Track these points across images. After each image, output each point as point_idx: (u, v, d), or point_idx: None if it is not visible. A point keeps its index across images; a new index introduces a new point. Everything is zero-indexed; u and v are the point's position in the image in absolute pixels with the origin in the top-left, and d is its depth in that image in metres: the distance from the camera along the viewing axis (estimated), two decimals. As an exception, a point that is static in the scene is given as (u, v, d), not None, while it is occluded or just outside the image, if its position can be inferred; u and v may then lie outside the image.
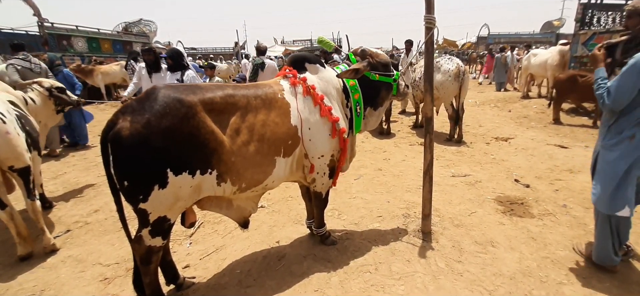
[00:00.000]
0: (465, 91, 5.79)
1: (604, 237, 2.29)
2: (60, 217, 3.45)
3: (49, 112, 3.90)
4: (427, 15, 2.53)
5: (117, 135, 1.67)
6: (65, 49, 11.32)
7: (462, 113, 5.90)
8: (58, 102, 3.93)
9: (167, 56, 4.21)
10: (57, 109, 3.98)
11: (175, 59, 4.16)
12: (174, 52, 4.32)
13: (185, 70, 4.12)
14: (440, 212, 3.28)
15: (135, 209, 1.80)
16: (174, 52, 4.28)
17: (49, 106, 3.86)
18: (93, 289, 2.39)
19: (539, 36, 25.88)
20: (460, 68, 5.56)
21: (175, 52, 4.30)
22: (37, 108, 3.67)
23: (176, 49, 4.47)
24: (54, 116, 4.01)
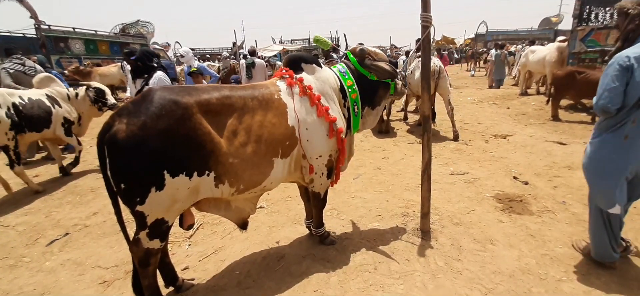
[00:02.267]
0: (444, 90, 5.87)
1: (600, 233, 2.30)
2: (59, 220, 3.44)
3: (89, 108, 4.77)
4: (423, 13, 2.53)
5: (113, 137, 1.67)
6: (62, 51, 11.27)
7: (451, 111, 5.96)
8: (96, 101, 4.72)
9: (136, 58, 3.85)
10: (98, 107, 4.78)
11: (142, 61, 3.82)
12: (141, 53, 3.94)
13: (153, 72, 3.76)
14: (439, 210, 3.28)
15: (133, 212, 1.80)
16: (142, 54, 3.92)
17: (89, 103, 4.74)
18: (92, 292, 2.39)
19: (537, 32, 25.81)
20: (435, 67, 5.58)
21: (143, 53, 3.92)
22: (78, 103, 4.71)
23: (145, 50, 4.07)
24: (95, 112, 4.84)
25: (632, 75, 1.97)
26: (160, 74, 3.74)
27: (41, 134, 4.34)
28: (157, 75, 3.70)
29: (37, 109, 4.19)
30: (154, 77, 3.70)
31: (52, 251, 2.92)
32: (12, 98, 4.02)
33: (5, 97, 3.96)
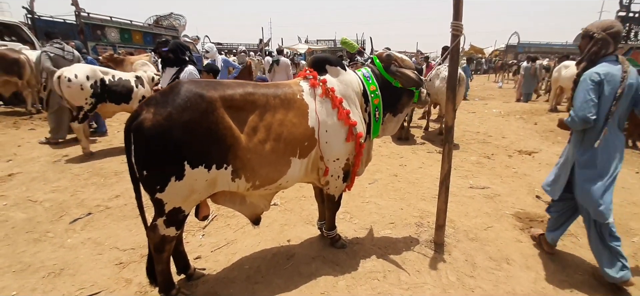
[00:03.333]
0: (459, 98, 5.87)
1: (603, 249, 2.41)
2: (83, 200, 3.60)
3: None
4: (454, 22, 2.48)
5: (139, 125, 1.73)
6: (98, 38, 11.80)
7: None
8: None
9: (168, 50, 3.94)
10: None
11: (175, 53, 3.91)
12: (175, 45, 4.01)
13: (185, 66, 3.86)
14: (455, 224, 3.21)
15: (152, 198, 1.86)
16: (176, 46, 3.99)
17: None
18: (108, 272, 2.48)
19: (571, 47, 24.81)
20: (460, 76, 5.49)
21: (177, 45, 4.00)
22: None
23: (178, 42, 4.11)
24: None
25: (603, 90, 2.24)
26: (191, 68, 3.82)
27: (120, 107, 5.19)
28: (189, 69, 3.78)
29: (121, 87, 5.10)
30: (185, 71, 3.77)
31: (75, 229, 3.05)
32: (103, 75, 5.01)
33: (97, 73, 4.95)
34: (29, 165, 4.58)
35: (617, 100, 2.23)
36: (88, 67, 5.02)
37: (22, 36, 9.75)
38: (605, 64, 2.29)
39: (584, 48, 2.44)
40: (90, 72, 4.87)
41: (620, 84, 2.22)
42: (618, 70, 2.26)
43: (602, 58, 2.33)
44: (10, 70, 6.88)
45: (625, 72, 2.24)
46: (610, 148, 2.31)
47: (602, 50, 2.34)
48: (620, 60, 2.30)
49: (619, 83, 2.22)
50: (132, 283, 2.36)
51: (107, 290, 2.31)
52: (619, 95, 2.22)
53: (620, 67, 2.27)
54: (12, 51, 7.17)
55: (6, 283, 2.36)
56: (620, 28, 2.38)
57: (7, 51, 7.08)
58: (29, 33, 9.86)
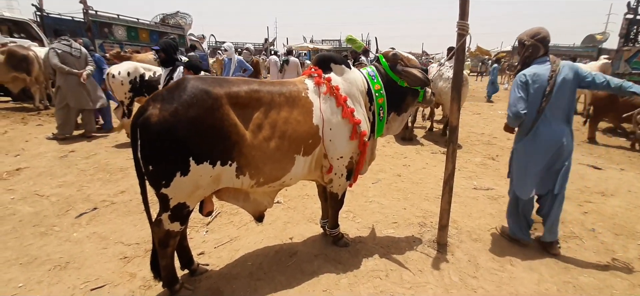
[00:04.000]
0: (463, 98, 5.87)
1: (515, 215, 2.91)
2: (89, 195, 3.64)
3: None
4: (460, 21, 2.47)
5: (146, 121, 1.75)
6: (106, 36, 11.87)
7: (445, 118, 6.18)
8: None
9: (160, 48, 3.83)
10: None
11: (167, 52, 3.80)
12: (166, 45, 3.87)
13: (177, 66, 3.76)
14: (458, 224, 3.20)
15: (157, 193, 1.88)
16: (167, 45, 3.86)
17: None
18: (113, 266, 2.51)
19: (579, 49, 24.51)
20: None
21: (168, 44, 3.88)
22: None
23: (169, 41, 4.01)
24: None
25: (529, 89, 2.60)
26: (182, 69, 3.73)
27: None
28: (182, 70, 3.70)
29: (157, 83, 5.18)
30: (178, 71, 3.72)
31: (80, 224, 3.09)
32: (144, 71, 5.34)
33: (138, 69, 5.32)
34: (36, 160, 4.63)
35: (547, 96, 2.55)
36: (132, 64, 5.38)
37: (30, 33, 9.88)
38: (534, 66, 2.64)
39: (519, 54, 2.79)
40: (131, 68, 5.24)
41: (548, 82, 2.54)
42: (546, 69, 2.57)
43: (534, 60, 2.67)
44: (19, 66, 6.98)
45: (554, 71, 2.55)
46: (539, 141, 2.63)
47: (534, 54, 2.67)
48: (551, 61, 2.61)
49: (546, 81, 2.55)
50: (136, 277, 2.39)
51: (112, 283, 2.33)
52: (548, 92, 2.54)
53: (549, 67, 2.58)
54: (21, 48, 7.27)
55: (13, 275, 2.40)
56: (547, 33, 2.67)
57: (16, 48, 7.18)
58: (38, 30, 9.97)
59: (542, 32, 2.65)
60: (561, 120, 2.62)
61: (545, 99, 2.55)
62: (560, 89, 2.54)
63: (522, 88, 2.62)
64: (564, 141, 2.59)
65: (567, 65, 2.61)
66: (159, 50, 3.84)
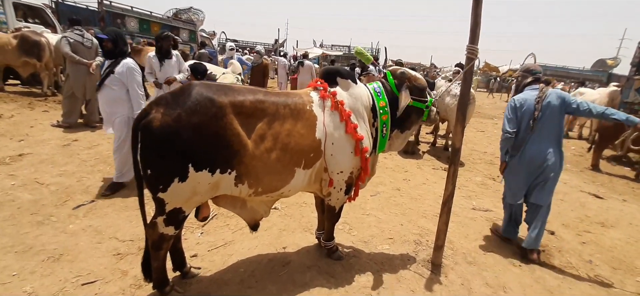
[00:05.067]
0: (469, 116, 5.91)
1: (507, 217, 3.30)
2: (88, 187, 3.66)
3: None
4: (469, 45, 2.47)
5: (147, 124, 1.76)
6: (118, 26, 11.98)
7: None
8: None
9: (108, 38, 3.48)
10: None
11: (116, 43, 3.48)
12: (116, 34, 3.54)
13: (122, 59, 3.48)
14: (454, 245, 3.18)
15: (154, 197, 1.89)
16: (116, 35, 3.53)
17: None
18: (106, 261, 2.52)
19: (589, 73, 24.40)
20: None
21: (118, 34, 3.57)
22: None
23: (119, 32, 3.70)
24: None
25: (517, 112, 3.03)
26: (130, 62, 3.51)
27: None
28: (127, 63, 3.47)
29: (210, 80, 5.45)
30: (122, 64, 3.44)
31: (77, 215, 3.11)
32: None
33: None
34: (39, 146, 4.67)
35: (535, 120, 2.93)
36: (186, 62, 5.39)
37: (45, 19, 10.00)
38: (526, 92, 3.10)
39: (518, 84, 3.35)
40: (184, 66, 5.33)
41: (535, 107, 2.93)
42: (533, 97, 2.99)
43: (525, 87, 3.16)
44: (30, 51, 7.06)
45: (540, 97, 2.95)
46: (527, 157, 3.00)
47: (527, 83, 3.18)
48: (539, 88, 3.03)
49: (533, 106, 2.95)
50: (128, 275, 2.39)
51: (103, 279, 2.34)
52: (535, 116, 2.93)
53: (536, 94, 2.99)
54: (34, 33, 7.35)
55: (8, 262, 2.41)
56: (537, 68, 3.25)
57: (29, 33, 7.26)
58: (52, 17, 10.09)
59: (532, 66, 3.27)
60: (549, 141, 2.94)
61: (533, 121, 2.94)
62: (547, 113, 2.91)
63: (511, 111, 3.06)
64: (548, 159, 2.92)
65: (555, 93, 2.97)
66: (107, 40, 3.47)
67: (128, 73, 3.48)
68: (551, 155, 2.92)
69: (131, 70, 3.49)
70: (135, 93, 3.56)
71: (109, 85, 3.48)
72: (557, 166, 2.94)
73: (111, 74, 3.47)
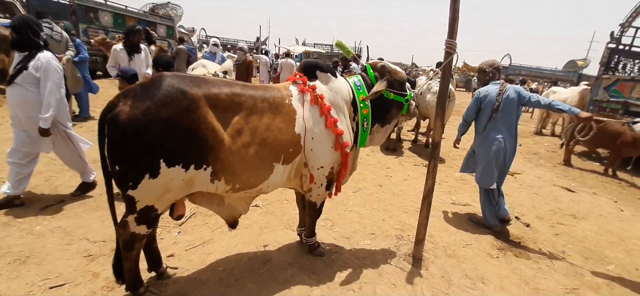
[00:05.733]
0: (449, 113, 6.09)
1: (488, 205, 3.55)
2: (57, 187, 3.49)
3: None
4: (448, 39, 2.49)
5: (114, 117, 1.66)
6: (91, 21, 11.51)
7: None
8: None
9: (11, 26, 2.93)
10: None
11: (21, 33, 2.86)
12: (23, 23, 2.90)
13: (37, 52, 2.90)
14: (435, 239, 3.22)
15: (124, 195, 1.79)
16: (22, 23, 2.90)
17: None
18: (76, 263, 2.40)
19: (560, 73, 25.40)
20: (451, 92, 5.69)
21: (25, 23, 2.91)
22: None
23: (27, 19, 3.00)
24: None
25: (481, 102, 3.45)
26: (48, 57, 2.94)
27: None
28: (44, 57, 2.90)
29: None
30: (37, 58, 2.87)
31: (45, 216, 2.95)
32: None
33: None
34: (5, 145, 4.40)
35: (496, 110, 3.34)
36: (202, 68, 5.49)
37: (15, 14, 9.49)
38: (489, 86, 3.48)
39: (481, 78, 3.71)
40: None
41: (496, 99, 3.34)
42: (495, 90, 3.40)
43: (489, 82, 3.54)
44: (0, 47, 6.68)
45: (501, 91, 3.36)
46: (489, 142, 3.39)
47: (490, 78, 3.56)
48: (500, 83, 3.45)
49: (495, 98, 3.35)
50: (99, 277, 2.28)
51: (72, 282, 2.22)
52: (496, 107, 3.34)
53: (498, 88, 3.40)
54: (1, 28, 6.95)
55: (-34, 267, 2.25)
56: (499, 65, 3.66)
57: (-4, 28, 6.87)
58: (23, 11, 9.59)
59: (496, 63, 3.63)
60: (506, 129, 3.37)
61: (495, 111, 3.35)
62: (506, 105, 3.34)
63: (475, 102, 3.50)
64: (506, 145, 3.36)
65: (513, 88, 3.41)
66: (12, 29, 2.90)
67: (45, 69, 2.88)
68: (508, 142, 3.36)
69: (49, 66, 2.90)
70: (49, 92, 2.90)
71: (21, 84, 2.87)
72: (512, 150, 3.42)
73: (24, 70, 2.86)
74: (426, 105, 6.08)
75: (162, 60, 3.12)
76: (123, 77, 3.28)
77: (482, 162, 3.46)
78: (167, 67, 3.07)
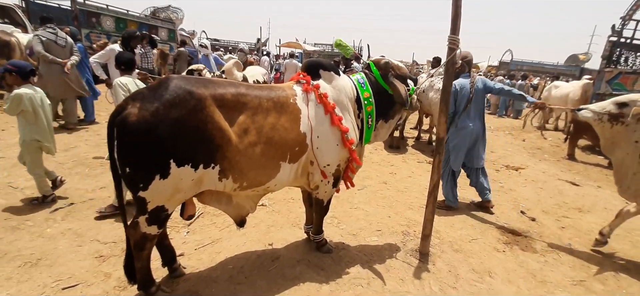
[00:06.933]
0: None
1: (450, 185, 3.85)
2: (65, 189, 3.52)
3: None
4: (451, 36, 2.51)
5: (124, 120, 1.69)
6: (93, 26, 11.56)
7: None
8: None
9: None
10: None
11: None
12: None
13: None
14: (441, 234, 3.23)
15: (135, 196, 1.82)
16: None
17: None
18: (88, 264, 2.43)
19: (562, 68, 25.29)
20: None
21: None
22: None
23: None
24: None
25: (457, 95, 3.66)
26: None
27: None
28: None
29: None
30: None
31: (55, 219, 2.99)
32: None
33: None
34: (12, 150, 4.45)
35: (470, 101, 3.62)
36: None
37: (15, 19, 9.56)
38: (461, 79, 3.71)
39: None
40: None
41: (470, 91, 3.61)
42: (468, 82, 3.66)
43: (461, 74, 3.74)
44: (0, 52, 6.72)
45: (472, 83, 3.64)
46: (463, 129, 3.69)
47: (461, 71, 3.74)
48: (471, 76, 3.72)
49: (469, 90, 3.62)
50: (111, 278, 2.31)
51: (85, 283, 2.25)
52: (470, 98, 3.61)
53: (469, 80, 3.66)
54: (4, 33, 7.01)
55: (-20, 270, 2.29)
56: (471, 57, 3.82)
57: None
58: (22, 16, 9.66)
59: (468, 56, 3.80)
60: (477, 116, 3.73)
61: (469, 102, 3.62)
62: (477, 95, 3.65)
63: (453, 95, 3.62)
64: (479, 130, 3.72)
65: (480, 79, 3.74)
66: None
67: None
68: (480, 127, 3.73)
69: None
70: None
71: None
72: (483, 133, 3.78)
73: None
74: (429, 103, 6.09)
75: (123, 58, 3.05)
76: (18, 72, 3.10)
77: (455, 147, 3.74)
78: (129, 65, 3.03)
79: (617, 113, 2.82)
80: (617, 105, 2.84)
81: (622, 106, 2.81)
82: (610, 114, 2.85)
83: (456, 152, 3.76)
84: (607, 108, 2.88)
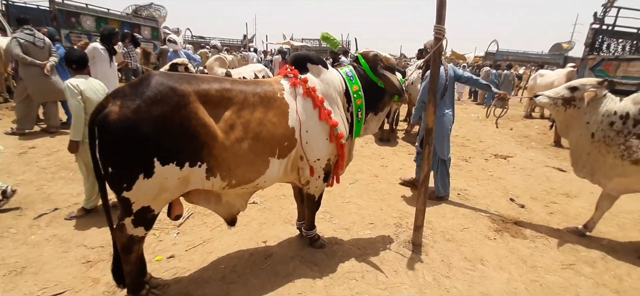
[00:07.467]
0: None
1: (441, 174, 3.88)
2: (49, 195, 3.42)
3: None
4: (437, 25, 2.50)
5: (104, 119, 1.64)
6: (73, 26, 11.23)
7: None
8: None
9: None
10: None
11: None
12: None
13: None
14: (433, 225, 3.25)
15: (119, 197, 1.77)
16: None
17: None
18: (75, 270, 2.36)
19: (547, 57, 25.74)
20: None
21: None
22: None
23: None
24: None
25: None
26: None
27: None
28: None
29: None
30: None
31: (39, 225, 2.89)
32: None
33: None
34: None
35: (446, 89, 3.64)
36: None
37: (-4, 22, 9.22)
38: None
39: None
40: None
41: (446, 80, 3.61)
42: (443, 70, 3.53)
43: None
44: (-24, 56, 6.49)
45: (446, 71, 3.61)
46: (442, 117, 3.68)
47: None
48: (443, 64, 3.53)
49: (445, 79, 3.59)
50: (99, 283, 2.25)
51: (72, 289, 2.19)
52: (446, 86, 3.63)
53: (443, 69, 3.52)
54: None
55: (-40, 282, 2.20)
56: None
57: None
58: (2, 20, 9.33)
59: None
60: (450, 104, 3.77)
61: (445, 90, 3.64)
62: (451, 83, 3.70)
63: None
64: (452, 118, 3.78)
65: (451, 67, 3.77)
66: None
67: None
68: (452, 116, 3.79)
69: None
70: None
71: None
72: (453, 120, 3.82)
73: None
74: (417, 94, 6.09)
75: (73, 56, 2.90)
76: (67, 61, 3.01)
77: (440, 136, 3.71)
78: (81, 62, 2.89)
79: (570, 97, 2.98)
80: (569, 89, 3.00)
81: (573, 90, 2.98)
82: (564, 98, 3.00)
83: (440, 140, 3.74)
84: (560, 93, 3.04)
